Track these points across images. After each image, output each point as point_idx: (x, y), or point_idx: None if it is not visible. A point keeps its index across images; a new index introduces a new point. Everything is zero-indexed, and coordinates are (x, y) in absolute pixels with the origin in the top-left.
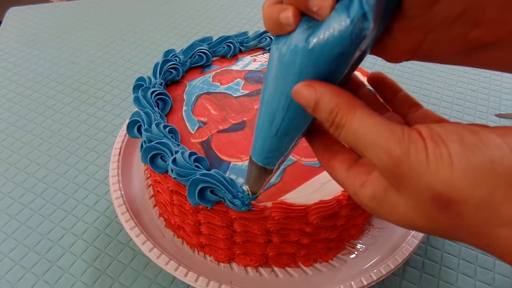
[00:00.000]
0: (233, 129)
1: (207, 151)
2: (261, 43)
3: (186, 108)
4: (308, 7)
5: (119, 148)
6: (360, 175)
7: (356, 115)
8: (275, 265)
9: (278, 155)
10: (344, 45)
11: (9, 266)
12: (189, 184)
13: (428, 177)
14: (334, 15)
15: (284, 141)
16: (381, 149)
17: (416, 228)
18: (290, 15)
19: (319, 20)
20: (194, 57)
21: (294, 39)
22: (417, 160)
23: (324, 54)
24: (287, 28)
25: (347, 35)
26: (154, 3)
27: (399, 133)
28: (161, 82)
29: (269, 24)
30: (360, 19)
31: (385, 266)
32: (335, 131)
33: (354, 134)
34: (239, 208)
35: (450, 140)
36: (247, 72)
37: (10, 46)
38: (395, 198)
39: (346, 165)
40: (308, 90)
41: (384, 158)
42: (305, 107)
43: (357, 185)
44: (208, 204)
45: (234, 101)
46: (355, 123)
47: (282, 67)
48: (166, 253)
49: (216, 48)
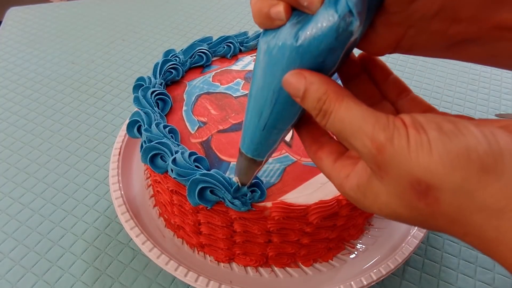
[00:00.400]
0: (233, 129)
1: (207, 151)
2: None
3: (186, 108)
4: (299, 2)
5: (119, 148)
6: (345, 167)
7: (343, 103)
8: (275, 265)
9: (267, 148)
10: (331, 41)
11: (9, 266)
12: (189, 184)
13: (408, 163)
14: (323, 9)
15: (273, 134)
16: (366, 136)
17: (397, 217)
18: (281, 10)
19: (308, 15)
20: (194, 57)
21: (283, 34)
22: (399, 146)
23: (312, 49)
24: (277, 23)
25: (333, 30)
26: (154, 3)
27: (384, 121)
28: (161, 82)
29: (259, 18)
30: (347, 14)
31: (385, 266)
32: (322, 119)
33: (341, 121)
34: (239, 208)
35: (429, 128)
36: (247, 72)
37: (10, 46)
38: (377, 187)
39: (333, 157)
40: (298, 79)
41: (368, 144)
42: (294, 96)
43: (342, 176)
44: (208, 204)
45: (234, 101)
46: (342, 111)
47: (270, 61)
48: (166, 253)
49: (216, 48)
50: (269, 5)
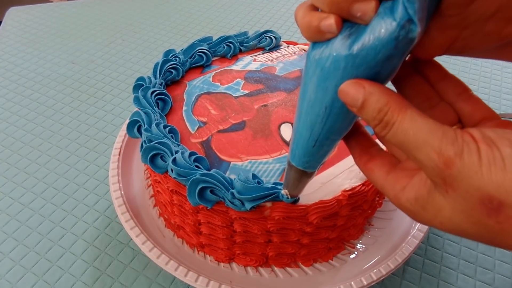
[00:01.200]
0: (233, 129)
1: (207, 151)
2: (261, 43)
3: (186, 108)
4: (351, 13)
5: (119, 148)
6: (400, 179)
7: (407, 115)
8: (275, 265)
9: (319, 159)
10: (389, 50)
11: (9, 266)
12: (189, 184)
13: (479, 179)
14: (378, 19)
15: (325, 146)
16: (432, 149)
17: (461, 233)
18: (333, 23)
19: (360, 25)
20: (194, 57)
21: (336, 46)
22: (470, 162)
23: (369, 59)
24: (328, 36)
25: (392, 39)
26: (154, 3)
27: (452, 134)
28: (161, 82)
29: (308, 33)
30: (406, 22)
31: (385, 266)
32: (382, 130)
33: (404, 133)
34: (238, 208)
35: (503, 145)
36: (247, 72)
37: (10, 46)
38: (440, 201)
39: (385, 169)
40: (356, 89)
41: (435, 158)
42: (351, 106)
43: (397, 189)
44: (208, 204)
45: (234, 101)
46: (406, 123)
47: (322, 75)
48: (166, 253)
49: (216, 48)
50: (318, 19)
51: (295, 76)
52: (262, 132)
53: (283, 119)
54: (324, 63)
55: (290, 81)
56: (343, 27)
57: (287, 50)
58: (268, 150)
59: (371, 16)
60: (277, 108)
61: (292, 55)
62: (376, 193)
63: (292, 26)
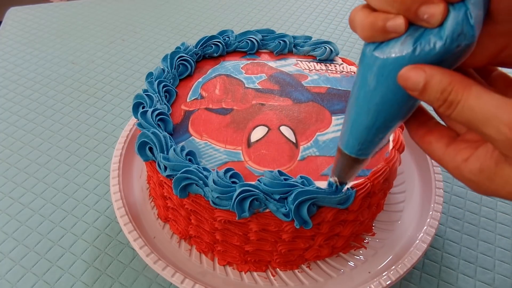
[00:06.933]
0: (218, 112)
1: (184, 120)
2: (315, 51)
3: (201, 80)
4: (418, 15)
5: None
6: (462, 151)
7: (472, 92)
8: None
9: (374, 146)
10: (450, 52)
11: (9, 266)
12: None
13: None
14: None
15: (381, 133)
16: (502, 123)
17: None
18: (402, 23)
19: (422, 27)
20: (242, 42)
21: (398, 46)
22: None
23: (431, 61)
24: (392, 36)
25: (455, 42)
26: (154, 3)
27: None
28: (198, 52)
29: (371, 31)
30: (466, 27)
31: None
32: (447, 110)
33: (471, 110)
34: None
35: None
36: (277, 71)
37: (10, 46)
38: (510, 172)
39: (444, 141)
40: (416, 72)
41: (506, 131)
42: (411, 90)
43: (459, 160)
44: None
45: (241, 90)
46: (471, 100)
47: (382, 73)
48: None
49: (269, 41)
50: (384, 19)
51: (317, 91)
52: (238, 125)
53: (264, 122)
54: (385, 62)
55: (307, 93)
56: None
57: (335, 67)
58: (227, 141)
59: (439, 19)
60: (270, 111)
61: (337, 73)
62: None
63: (292, 26)
